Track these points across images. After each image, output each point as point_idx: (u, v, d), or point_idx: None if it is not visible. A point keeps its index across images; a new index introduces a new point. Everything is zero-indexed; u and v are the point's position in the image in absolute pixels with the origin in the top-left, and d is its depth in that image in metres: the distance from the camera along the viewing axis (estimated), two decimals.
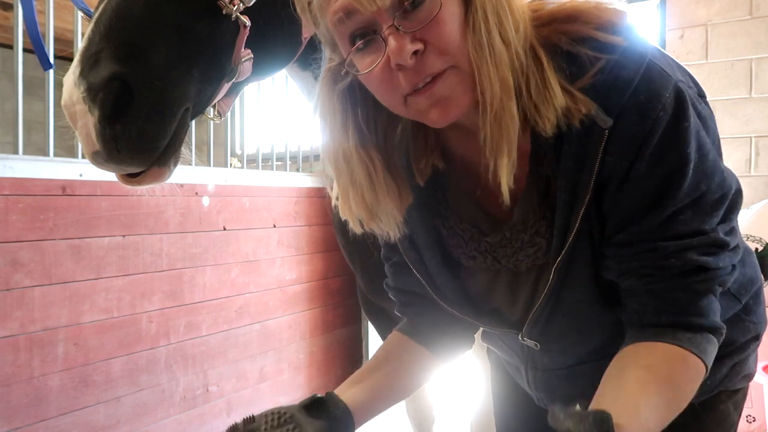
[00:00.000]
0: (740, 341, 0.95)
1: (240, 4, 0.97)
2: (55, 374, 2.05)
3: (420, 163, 0.87)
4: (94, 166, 0.96)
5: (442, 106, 0.74)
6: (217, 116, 1.16)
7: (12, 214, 1.93)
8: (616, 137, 0.73)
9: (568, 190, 0.78)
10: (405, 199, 0.87)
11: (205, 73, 0.99)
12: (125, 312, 2.28)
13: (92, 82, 0.88)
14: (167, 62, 0.93)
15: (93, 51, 0.90)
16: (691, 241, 0.76)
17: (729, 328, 0.92)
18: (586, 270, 0.84)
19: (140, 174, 0.98)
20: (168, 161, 0.98)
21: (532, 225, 0.84)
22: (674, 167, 0.74)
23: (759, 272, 1.00)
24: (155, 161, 0.96)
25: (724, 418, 0.97)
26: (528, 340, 0.96)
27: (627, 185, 0.76)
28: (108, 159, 0.92)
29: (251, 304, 2.85)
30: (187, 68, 0.96)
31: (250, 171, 2.97)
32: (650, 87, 0.73)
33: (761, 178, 3.35)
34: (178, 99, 0.95)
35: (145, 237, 2.35)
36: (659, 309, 0.81)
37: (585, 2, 0.78)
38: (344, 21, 0.73)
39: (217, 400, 2.67)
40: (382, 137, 0.84)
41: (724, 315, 0.90)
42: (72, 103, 0.90)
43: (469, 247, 0.92)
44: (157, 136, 0.93)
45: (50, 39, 2.09)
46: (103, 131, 0.89)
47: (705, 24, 3.44)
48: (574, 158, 0.76)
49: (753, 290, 0.96)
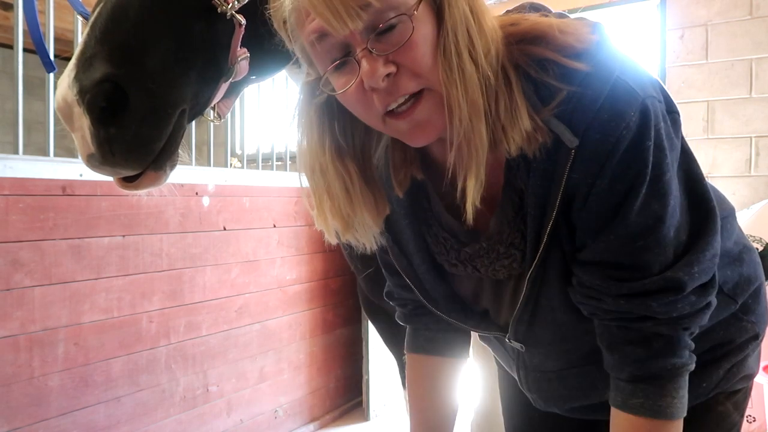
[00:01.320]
0: (738, 341, 0.95)
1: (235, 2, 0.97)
2: (55, 374, 2.05)
3: (399, 175, 0.88)
4: (89, 169, 0.96)
5: (421, 129, 0.75)
6: (217, 118, 1.16)
7: (12, 214, 1.93)
8: (581, 155, 0.74)
9: (538, 205, 0.79)
10: (381, 210, 0.88)
11: (202, 73, 0.99)
12: (125, 312, 2.28)
13: (85, 84, 0.88)
14: (162, 64, 0.92)
15: (88, 54, 0.90)
16: (643, 283, 0.77)
17: (724, 329, 0.92)
18: (558, 282, 0.85)
19: (136, 178, 0.98)
20: (164, 165, 0.98)
21: (507, 236, 0.85)
22: (631, 186, 0.75)
23: (759, 271, 0.99)
24: (151, 165, 0.96)
25: (723, 418, 0.97)
26: (514, 343, 0.97)
27: (589, 201, 0.77)
28: (103, 162, 0.92)
29: (251, 304, 2.85)
30: (183, 69, 0.95)
31: (250, 171, 2.97)
32: (614, 106, 0.73)
33: (761, 178, 3.35)
34: (174, 101, 0.94)
35: (145, 237, 2.35)
36: (617, 360, 0.84)
37: (550, 24, 0.78)
38: (318, 42, 0.74)
39: (217, 400, 2.67)
40: (359, 149, 0.85)
41: (718, 316, 0.90)
42: (66, 106, 0.90)
43: (450, 256, 0.93)
44: (152, 139, 0.92)
45: (50, 39, 2.09)
46: (97, 134, 0.89)
47: (705, 24, 3.44)
48: (542, 175, 0.77)
49: (751, 289, 0.95)
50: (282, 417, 3.04)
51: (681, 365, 0.82)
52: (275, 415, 3.00)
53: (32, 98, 2.52)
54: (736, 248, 0.95)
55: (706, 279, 0.80)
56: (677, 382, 0.82)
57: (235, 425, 2.77)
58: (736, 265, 0.93)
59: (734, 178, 3.41)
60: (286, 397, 3.07)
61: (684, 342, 0.82)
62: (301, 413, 3.17)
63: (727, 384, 0.95)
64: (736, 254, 0.94)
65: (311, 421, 3.23)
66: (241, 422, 2.80)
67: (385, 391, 3.46)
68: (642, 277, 0.77)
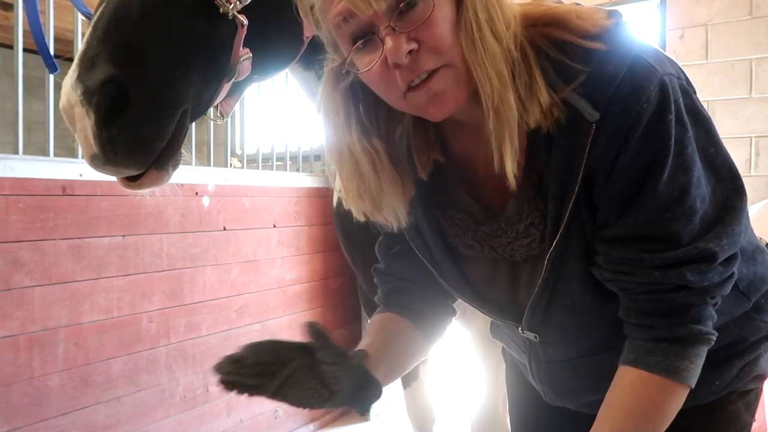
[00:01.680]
0: (751, 339, 0.95)
1: (237, 2, 0.97)
2: (55, 374, 2.05)
3: (422, 158, 0.90)
4: (92, 169, 0.96)
5: (438, 100, 0.78)
6: (219, 117, 1.16)
7: (12, 214, 1.93)
8: (603, 130, 0.77)
9: (559, 182, 0.81)
10: (408, 190, 0.90)
11: (204, 73, 0.99)
12: (125, 312, 2.28)
13: (88, 85, 0.89)
14: (164, 64, 0.93)
15: (90, 55, 0.90)
16: (676, 253, 0.79)
17: (738, 326, 0.93)
18: (579, 263, 0.86)
19: (139, 177, 0.98)
20: (166, 164, 0.99)
21: (526, 216, 0.87)
22: (656, 158, 0.77)
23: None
24: (153, 164, 0.96)
25: (734, 418, 0.97)
26: (528, 333, 0.97)
27: (612, 176, 0.79)
28: (105, 162, 0.93)
29: (251, 304, 2.85)
30: (185, 69, 0.96)
31: (250, 171, 2.97)
32: (635, 80, 0.76)
33: (761, 178, 3.35)
34: (175, 101, 0.94)
35: (145, 237, 2.35)
36: (643, 328, 0.85)
37: (567, 9, 0.81)
38: (344, 24, 0.77)
39: (217, 400, 2.67)
40: (383, 131, 0.88)
41: (732, 313, 0.91)
42: (70, 106, 0.90)
43: (467, 236, 0.95)
44: (153, 139, 0.93)
45: (50, 39, 2.08)
46: (100, 134, 0.89)
47: (705, 24, 3.44)
48: (564, 151, 0.80)
49: (764, 289, 0.96)
50: (282, 417, 3.04)
51: (705, 333, 0.83)
52: (275, 415, 3.00)
53: (32, 98, 2.52)
54: (750, 247, 0.96)
55: (733, 251, 0.82)
56: (698, 348, 0.83)
57: (235, 425, 2.76)
58: (751, 263, 0.94)
59: None
60: None
61: (709, 312, 0.83)
62: (301, 413, 3.17)
63: (739, 383, 0.95)
64: (750, 253, 0.95)
65: (311, 421, 3.23)
66: (241, 422, 2.79)
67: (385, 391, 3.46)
68: (674, 247, 0.79)
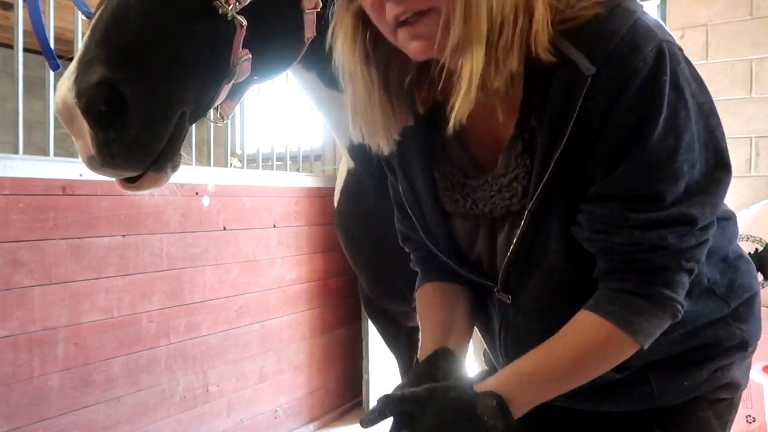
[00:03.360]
0: (725, 345, 0.95)
1: (236, 3, 0.97)
2: (55, 374, 2.05)
3: (422, 93, 0.94)
4: (90, 170, 0.96)
5: (418, 42, 0.82)
6: (220, 119, 1.16)
7: (12, 214, 1.93)
8: (597, 84, 0.78)
9: (549, 135, 0.83)
10: (401, 119, 0.94)
11: (203, 75, 0.98)
12: (125, 312, 2.28)
13: (83, 87, 0.88)
14: (162, 66, 0.92)
15: (88, 57, 0.90)
16: (659, 214, 0.80)
17: (714, 329, 0.94)
18: (559, 223, 0.87)
19: (138, 179, 0.98)
20: (164, 166, 0.98)
21: (512, 170, 0.89)
22: (647, 118, 0.78)
23: (754, 282, 1.00)
24: (152, 166, 0.96)
25: (704, 427, 0.97)
26: (502, 294, 0.98)
27: (603, 133, 0.80)
28: (103, 164, 0.93)
29: (251, 304, 2.85)
30: (183, 71, 0.95)
31: (250, 171, 2.97)
32: (634, 40, 0.78)
33: (761, 179, 3.35)
34: (173, 103, 0.94)
35: (145, 237, 2.35)
36: (613, 278, 0.86)
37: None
38: None
39: (217, 400, 2.67)
40: (383, 62, 0.92)
41: (709, 316, 0.93)
42: (66, 108, 0.90)
43: (454, 191, 0.98)
44: (151, 141, 0.93)
45: (51, 39, 2.08)
46: (97, 136, 0.89)
47: (705, 24, 3.44)
48: (558, 103, 0.81)
49: (745, 297, 0.97)
50: (282, 417, 3.04)
51: (672, 298, 0.83)
52: (275, 415, 3.00)
53: (32, 98, 2.52)
54: (733, 255, 0.97)
55: (711, 220, 0.84)
56: (659, 311, 0.84)
57: (235, 425, 2.77)
58: (731, 271, 0.95)
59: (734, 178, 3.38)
60: (286, 397, 3.07)
61: (682, 280, 0.84)
62: (301, 413, 3.17)
63: (709, 387, 0.95)
64: (732, 260, 0.96)
65: (311, 421, 3.23)
66: (241, 422, 2.79)
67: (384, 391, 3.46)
68: (657, 208, 0.81)
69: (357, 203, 1.55)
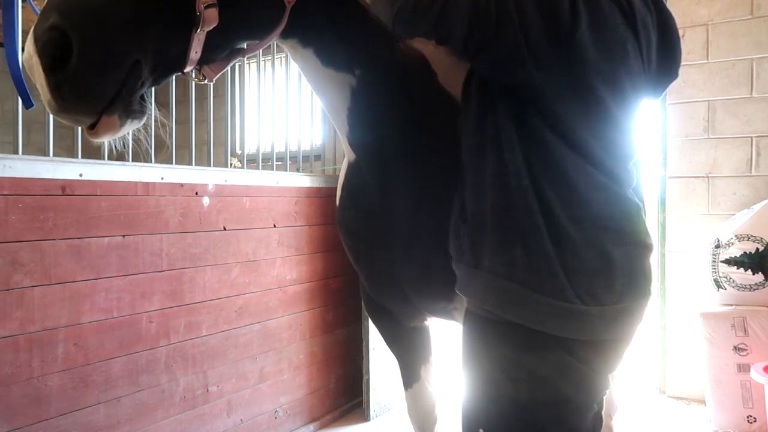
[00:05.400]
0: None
1: None
2: (55, 374, 2.05)
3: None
4: (53, 116, 1.00)
5: None
6: (202, 78, 1.17)
7: (12, 214, 1.93)
8: None
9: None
10: None
11: (162, 21, 0.99)
12: (125, 312, 2.28)
13: (38, 33, 0.93)
14: (112, 12, 0.95)
15: (49, 6, 0.94)
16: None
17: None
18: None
19: (96, 126, 1.01)
20: (115, 110, 1.00)
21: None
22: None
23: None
24: (104, 111, 0.98)
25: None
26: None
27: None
28: (57, 108, 0.95)
29: (251, 304, 2.85)
30: (138, 17, 0.97)
31: (250, 171, 2.97)
32: None
33: (762, 178, 3.34)
34: (123, 49, 0.96)
35: (145, 237, 2.35)
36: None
37: None
38: None
39: (217, 400, 2.67)
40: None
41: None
42: (29, 56, 0.94)
43: None
44: (99, 85, 0.95)
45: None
46: (48, 80, 0.93)
47: (706, 23, 3.44)
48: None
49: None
50: (282, 417, 3.04)
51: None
52: (275, 415, 3.00)
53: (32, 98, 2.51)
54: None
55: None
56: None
57: (235, 425, 2.76)
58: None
59: (735, 178, 3.40)
60: (286, 397, 3.06)
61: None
62: (301, 413, 3.17)
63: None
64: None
65: (311, 422, 3.23)
66: (241, 422, 2.79)
67: (385, 391, 3.46)
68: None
69: (357, 198, 1.54)
